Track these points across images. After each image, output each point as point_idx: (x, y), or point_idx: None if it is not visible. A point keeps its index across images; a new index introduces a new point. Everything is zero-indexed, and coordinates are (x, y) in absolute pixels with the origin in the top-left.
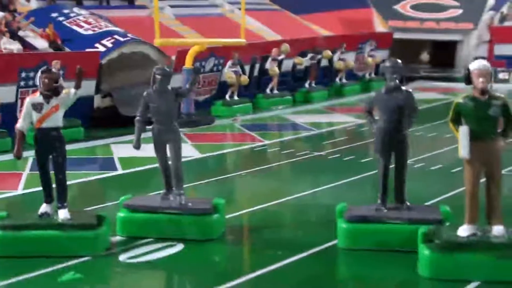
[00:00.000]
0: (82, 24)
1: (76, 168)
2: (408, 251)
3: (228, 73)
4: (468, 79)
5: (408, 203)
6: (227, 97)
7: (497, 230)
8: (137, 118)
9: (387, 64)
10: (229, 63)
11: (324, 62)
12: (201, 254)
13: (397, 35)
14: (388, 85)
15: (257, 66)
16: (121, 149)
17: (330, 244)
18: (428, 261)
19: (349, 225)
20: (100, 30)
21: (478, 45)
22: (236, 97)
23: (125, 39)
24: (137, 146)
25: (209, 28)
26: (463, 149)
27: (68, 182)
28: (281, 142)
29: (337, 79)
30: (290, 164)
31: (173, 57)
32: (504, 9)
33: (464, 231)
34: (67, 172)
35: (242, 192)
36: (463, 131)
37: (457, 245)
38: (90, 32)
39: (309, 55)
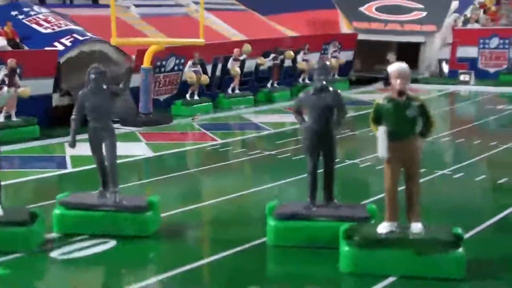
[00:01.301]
0: (42, 22)
1: (26, 166)
2: (335, 248)
3: (188, 72)
4: (387, 81)
5: (336, 201)
6: (187, 96)
7: (415, 227)
8: (73, 117)
9: (315, 66)
10: (190, 62)
11: (288, 63)
12: (133, 250)
13: (361, 37)
14: (316, 86)
15: (219, 66)
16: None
17: (260, 241)
18: (347, 257)
19: (277, 222)
20: (60, 29)
21: (442, 47)
22: (196, 97)
23: (84, 37)
24: (72, 145)
25: (174, 27)
26: (381, 149)
27: (16, 180)
28: (235, 142)
29: (300, 80)
30: (240, 163)
31: (134, 56)
32: (468, 12)
33: (383, 228)
34: (17, 170)
35: (185, 190)
36: (381, 132)
37: (375, 241)
38: (49, 30)
39: (272, 56)
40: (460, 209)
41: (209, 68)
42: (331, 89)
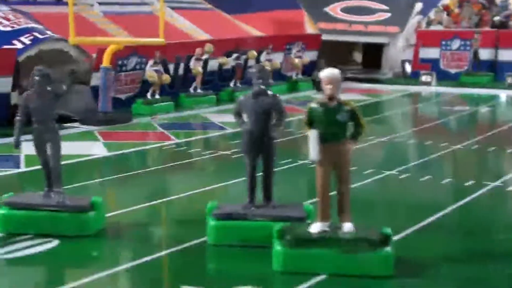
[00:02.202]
0: (1, 20)
1: None
2: (270, 247)
3: (149, 72)
4: (319, 86)
5: (275, 202)
6: (148, 95)
7: (347, 226)
8: (17, 118)
9: (253, 69)
10: (151, 62)
11: (252, 62)
12: (74, 249)
13: (326, 37)
14: (254, 89)
15: (182, 65)
16: (30, 146)
17: (201, 240)
18: (279, 256)
19: (216, 222)
20: (19, 27)
21: (405, 48)
22: (157, 96)
23: (44, 36)
24: (17, 146)
25: (138, 26)
26: (312, 152)
27: None
28: (192, 141)
29: None
30: (193, 163)
31: (94, 55)
32: (432, 14)
33: (315, 228)
34: None
35: (134, 190)
36: (313, 135)
37: (306, 241)
38: (8, 28)
39: (234, 55)
40: (398, 209)
41: (171, 67)
42: (269, 93)
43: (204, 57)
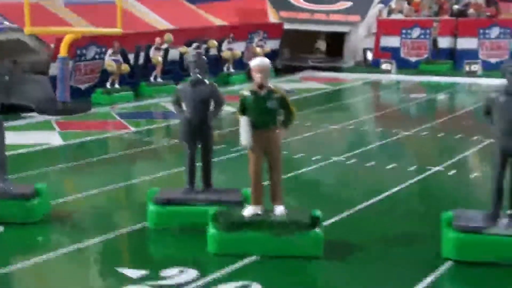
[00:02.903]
0: None
1: None
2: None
3: (108, 61)
4: (250, 75)
5: (214, 187)
6: (107, 85)
7: (278, 210)
8: None
9: (190, 58)
10: (109, 51)
11: (213, 52)
12: (19, 235)
13: (288, 26)
14: (192, 78)
15: (142, 54)
16: None
17: (143, 224)
18: (213, 238)
19: (156, 207)
20: None
21: (367, 36)
22: (117, 85)
23: (0, 26)
24: None
25: (100, 16)
26: (243, 138)
27: None
28: (150, 130)
29: (225, 68)
30: (147, 151)
31: (53, 45)
32: (393, 3)
33: (248, 211)
34: None
35: (85, 178)
36: (244, 122)
37: (239, 224)
38: None
39: (194, 45)
40: (340, 193)
41: (131, 57)
42: (207, 82)
43: (164, 46)
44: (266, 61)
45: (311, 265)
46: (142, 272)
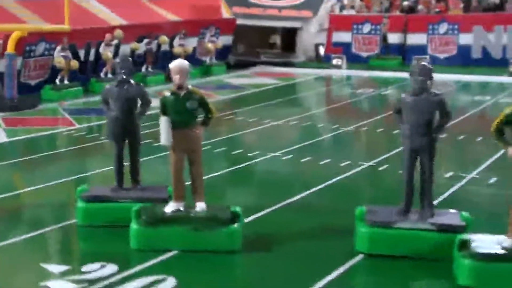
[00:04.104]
0: None
1: None
2: None
3: (57, 57)
4: (169, 77)
5: (142, 184)
6: (57, 81)
7: (199, 206)
8: None
9: (117, 60)
10: (58, 48)
11: (165, 47)
12: None
13: (241, 22)
14: (117, 78)
15: (92, 51)
16: None
17: (72, 221)
18: (135, 234)
19: (84, 204)
20: None
21: (319, 32)
22: (66, 81)
23: None
24: None
25: (52, 11)
26: (163, 137)
27: None
28: (94, 126)
29: None
30: (87, 148)
31: (0, 42)
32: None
33: (169, 207)
34: None
35: (21, 175)
36: (163, 121)
37: (160, 219)
38: None
39: (145, 41)
40: (270, 188)
41: (82, 53)
42: (132, 81)
43: (114, 42)
44: (185, 62)
45: (229, 259)
46: (64, 268)
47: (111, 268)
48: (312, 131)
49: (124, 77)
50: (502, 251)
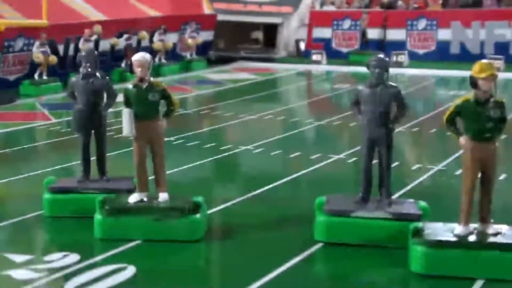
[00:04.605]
0: None
1: None
2: None
3: (36, 53)
4: (132, 70)
5: (108, 176)
6: (35, 76)
7: (162, 196)
8: None
9: (82, 53)
10: (37, 43)
11: (145, 43)
12: None
13: (221, 17)
14: (83, 72)
15: (72, 46)
16: None
17: (40, 212)
18: (98, 224)
19: (50, 195)
20: None
21: (300, 28)
22: (45, 77)
23: None
24: None
25: (32, 7)
26: (125, 129)
27: None
28: (68, 121)
29: (156, 59)
30: (60, 142)
31: None
32: None
33: (133, 198)
34: None
35: None
36: (125, 113)
37: (123, 210)
38: None
39: (125, 36)
40: (238, 180)
41: (61, 48)
42: (98, 74)
43: (93, 38)
44: (146, 56)
45: (191, 248)
46: (27, 257)
47: (73, 257)
48: (286, 125)
49: (90, 70)
50: (453, 238)
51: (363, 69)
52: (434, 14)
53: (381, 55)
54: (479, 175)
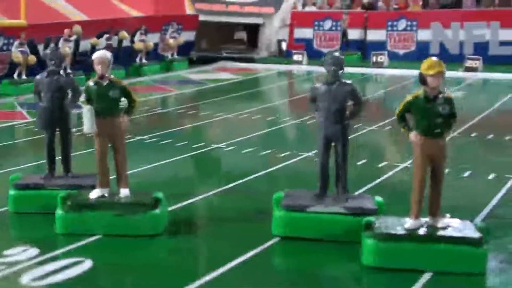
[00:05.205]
0: None
1: None
2: None
3: (15, 53)
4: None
5: (73, 173)
6: (15, 76)
7: (123, 192)
8: None
9: (47, 51)
10: (16, 43)
11: (126, 43)
12: None
13: (203, 18)
14: (48, 69)
15: (52, 46)
16: None
17: (4, 209)
18: (60, 219)
19: (15, 191)
20: None
21: (281, 28)
22: (24, 76)
23: None
24: None
25: (11, 6)
26: (86, 125)
27: None
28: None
29: (137, 59)
30: (34, 141)
31: None
32: None
33: (94, 193)
34: None
35: None
36: (86, 110)
37: (84, 205)
38: None
39: (105, 36)
40: (208, 176)
41: (41, 48)
42: (62, 72)
43: (73, 38)
44: (106, 54)
45: (150, 243)
46: None
47: (33, 251)
48: (260, 124)
49: (54, 67)
50: (403, 232)
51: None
52: (414, 15)
53: (337, 53)
54: (429, 170)
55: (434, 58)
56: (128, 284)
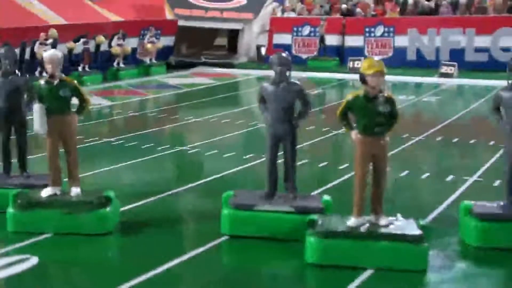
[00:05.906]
0: None
1: None
2: None
3: None
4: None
5: (29, 172)
6: None
7: (74, 191)
8: None
9: (1, 51)
10: None
11: (104, 47)
12: None
13: (183, 23)
14: (2, 69)
15: (28, 49)
16: None
17: None
18: (11, 218)
19: None
20: None
21: (261, 34)
22: None
23: None
24: None
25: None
26: (37, 124)
27: None
28: None
29: (115, 64)
30: None
31: None
32: (287, 2)
33: (45, 192)
34: None
35: None
36: (37, 109)
37: (34, 203)
38: None
39: (82, 40)
40: (164, 178)
41: (17, 51)
42: (18, 72)
43: (49, 41)
44: (57, 53)
45: (98, 241)
46: None
47: None
48: (228, 127)
49: (9, 68)
50: (344, 229)
51: (321, 75)
52: (391, 21)
53: (284, 53)
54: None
55: (375, 58)
56: (71, 280)
